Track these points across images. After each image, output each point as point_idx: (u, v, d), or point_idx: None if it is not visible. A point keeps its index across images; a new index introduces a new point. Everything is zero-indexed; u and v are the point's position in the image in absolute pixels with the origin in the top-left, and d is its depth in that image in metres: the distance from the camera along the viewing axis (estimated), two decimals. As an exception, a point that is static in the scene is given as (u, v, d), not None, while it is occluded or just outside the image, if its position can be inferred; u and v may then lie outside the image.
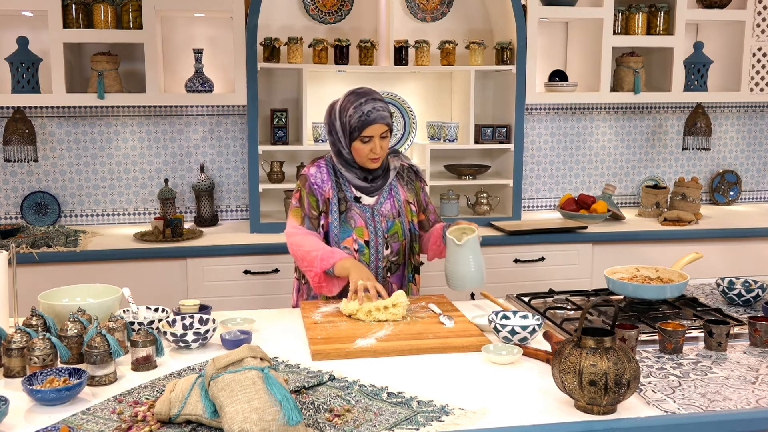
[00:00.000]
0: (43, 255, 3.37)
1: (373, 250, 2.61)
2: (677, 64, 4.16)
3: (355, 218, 2.60)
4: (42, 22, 3.75)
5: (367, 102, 2.52)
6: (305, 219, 2.61)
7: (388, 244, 2.63)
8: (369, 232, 2.60)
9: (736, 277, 2.61)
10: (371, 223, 2.61)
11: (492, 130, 4.01)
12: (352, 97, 2.55)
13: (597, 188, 4.53)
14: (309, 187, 2.62)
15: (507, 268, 3.74)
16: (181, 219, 3.68)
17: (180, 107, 4.00)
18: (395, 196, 2.67)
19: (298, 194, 2.64)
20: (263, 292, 3.56)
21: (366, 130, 2.51)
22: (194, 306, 2.33)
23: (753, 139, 4.71)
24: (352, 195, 2.62)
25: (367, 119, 2.50)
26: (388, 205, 2.65)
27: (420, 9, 4.11)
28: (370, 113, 2.50)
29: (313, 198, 2.61)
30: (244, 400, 1.53)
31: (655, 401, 1.75)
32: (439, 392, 1.80)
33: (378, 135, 2.52)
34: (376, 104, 2.52)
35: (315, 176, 2.63)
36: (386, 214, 2.63)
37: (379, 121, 2.51)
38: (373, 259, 2.62)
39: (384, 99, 2.59)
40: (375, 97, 2.55)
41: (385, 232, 2.62)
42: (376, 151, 2.53)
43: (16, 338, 1.90)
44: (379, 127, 2.51)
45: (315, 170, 2.64)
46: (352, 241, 2.59)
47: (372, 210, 2.62)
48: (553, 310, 2.47)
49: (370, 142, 2.52)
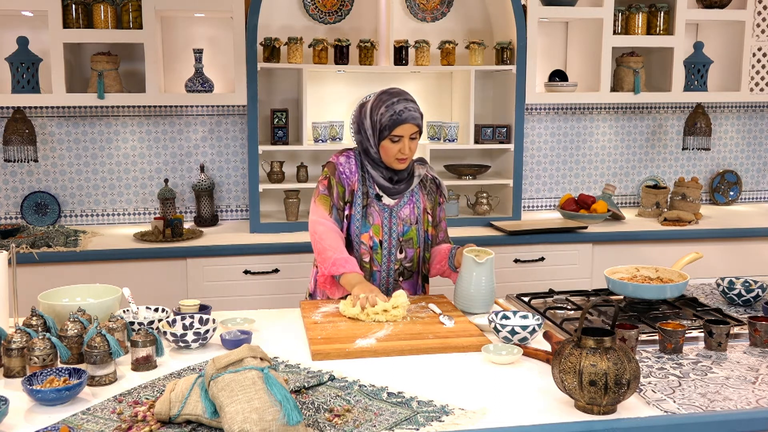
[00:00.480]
0: (43, 255, 3.37)
1: (386, 251, 2.61)
2: (677, 64, 4.16)
3: (374, 215, 2.59)
4: (42, 22, 3.75)
5: (399, 102, 2.51)
6: (333, 209, 2.59)
7: (402, 248, 2.63)
8: (384, 232, 2.60)
9: (736, 277, 2.61)
10: (387, 224, 2.60)
11: (492, 130, 4.01)
12: (384, 96, 2.54)
13: (597, 188, 4.53)
14: (338, 176, 2.60)
15: (507, 268, 3.74)
16: (181, 219, 3.68)
17: (180, 107, 4.00)
18: (416, 202, 2.66)
19: (326, 181, 2.61)
20: (263, 292, 3.56)
21: (397, 130, 2.50)
22: (194, 306, 2.33)
23: (753, 139, 4.71)
24: (374, 192, 2.61)
25: (399, 118, 2.49)
26: (407, 209, 2.64)
27: (420, 9, 4.11)
28: (402, 113, 2.49)
29: (341, 188, 2.59)
30: (244, 400, 1.53)
31: (655, 401, 1.75)
32: (439, 392, 1.80)
33: (408, 135, 2.51)
34: (408, 104, 2.52)
35: (344, 166, 2.61)
36: (404, 218, 2.62)
37: (410, 121, 2.50)
38: (385, 260, 2.61)
39: (415, 101, 2.58)
40: (407, 97, 2.55)
41: (400, 235, 2.61)
42: (404, 152, 2.52)
43: (16, 338, 1.90)
44: (410, 127, 2.50)
45: (345, 160, 2.62)
46: (369, 238, 2.59)
47: (391, 211, 2.61)
48: (553, 310, 2.47)
49: (399, 142, 2.51)
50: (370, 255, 2.60)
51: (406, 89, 4.12)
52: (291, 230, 3.81)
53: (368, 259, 2.60)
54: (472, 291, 2.43)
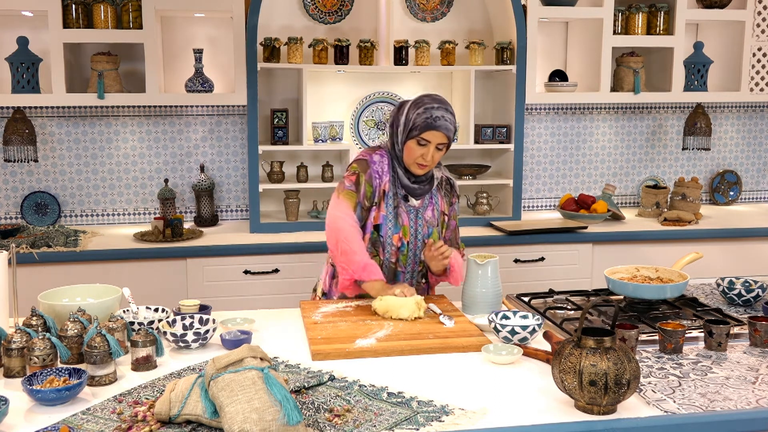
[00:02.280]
0: (43, 255, 3.37)
1: (411, 253, 2.59)
2: (677, 64, 4.16)
3: (402, 216, 2.57)
4: (42, 22, 3.74)
5: (439, 109, 2.49)
6: (358, 207, 2.52)
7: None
8: (410, 233, 2.58)
9: (736, 277, 2.61)
10: (413, 225, 2.58)
11: (492, 130, 4.01)
12: (427, 99, 2.52)
13: (597, 188, 4.53)
14: (369, 174, 2.54)
15: (507, 268, 3.74)
16: (181, 219, 3.68)
17: (180, 107, 4.00)
18: (435, 204, 2.64)
19: (355, 177, 2.53)
20: (263, 292, 3.56)
21: (426, 134, 2.47)
22: (194, 306, 2.33)
23: (753, 139, 4.71)
24: (401, 193, 2.58)
25: (433, 123, 2.46)
26: (429, 211, 2.62)
27: (420, 9, 4.11)
28: (437, 119, 2.47)
29: (370, 188, 2.54)
30: (244, 400, 1.53)
31: (655, 401, 1.75)
32: (439, 392, 1.80)
33: (435, 143, 2.49)
34: (446, 115, 2.49)
35: (377, 165, 2.55)
36: (429, 220, 2.61)
37: (442, 130, 2.47)
38: (410, 262, 2.61)
39: (455, 114, 2.56)
40: (448, 109, 2.52)
41: (425, 237, 2.60)
42: (426, 158, 2.49)
43: (16, 338, 1.90)
44: (440, 136, 2.48)
45: (378, 158, 2.56)
46: (398, 239, 2.56)
47: (417, 212, 2.59)
48: (553, 310, 2.47)
49: (425, 147, 2.49)
50: (396, 256, 2.58)
51: (406, 89, 4.18)
52: (291, 230, 3.81)
53: (395, 260, 2.59)
54: (477, 294, 2.43)
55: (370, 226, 2.55)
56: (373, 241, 2.55)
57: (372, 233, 2.55)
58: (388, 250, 2.56)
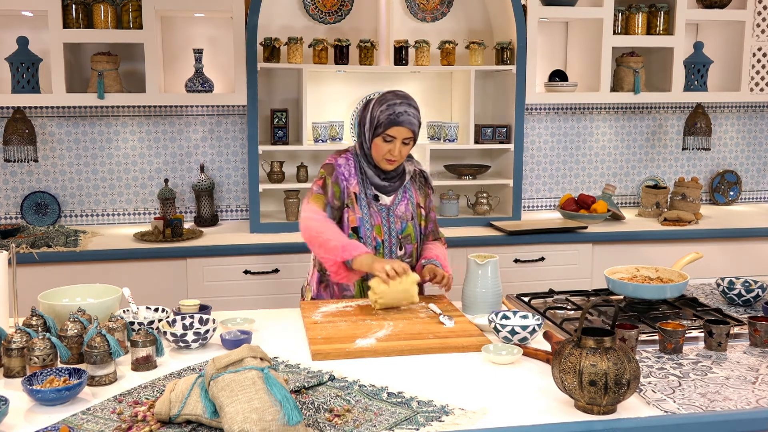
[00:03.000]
0: (43, 255, 3.37)
1: (387, 250, 2.63)
2: (677, 64, 4.16)
3: (374, 216, 2.61)
4: (42, 22, 3.74)
5: (401, 104, 2.53)
6: (327, 207, 2.58)
7: (402, 245, 2.65)
8: (384, 231, 2.62)
9: (736, 277, 2.61)
10: (386, 223, 2.62)
11: (492, 130, 4.01)
12: (389, 96, 2.56)
13: (597, 188, 4.53)
14: (336, 176, 2.60)
15: (507, 268, 3.74)
16: (181, 219, 3.68)
17: (180, 107, 4.00)
18: (409, 198, 2.68)
19: (321, 181, 2.60)
20: (263, 292, 3.56)
21: (391, 130, 2.51)
22: (194, 306, 2.33)
23: (753, 139, 4.71)
24: (371, 193, 2.63)
25: (396, 120, 2.50)
26: (402, 206, 2.66)
27: (420, 9, 4.11)
28: (400, 115, 2.51)
29: (338, 188, 2.59)
30: (244, 400, 1.53)
31: (655, 401, 1.75)
32: (439, 392, 1.80)
33: (401, 138, 2.52)
34: (409, 109, 2.53)
35: (343, 167, 2.61)
36: (401, 215, 2.64)
37: (406, 125, 2.51)
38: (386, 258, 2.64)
39: (419, 110, 2.59)
40: (411, 103, 2.56)
41: (399, 233, 2.64)
42: (393, 153, 2.53)
43: (16, 338, 1.90)
44: (405, 131, 2.51)
45: (343, 162, 2.63)
46: (372, 239, 2.61)
47: (388, 210, 2.64)
48: (553, 310, 2.47)
49: (391, 143, 2.53)
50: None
51: (406, 89, 4.13)
52: (291, 230, 3.81)
53: None
54: (477, 294, 2.43)
55: (347, 228, 2.59)
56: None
57: (350, 235, 2.58)
58: (370, 249, 2.57)
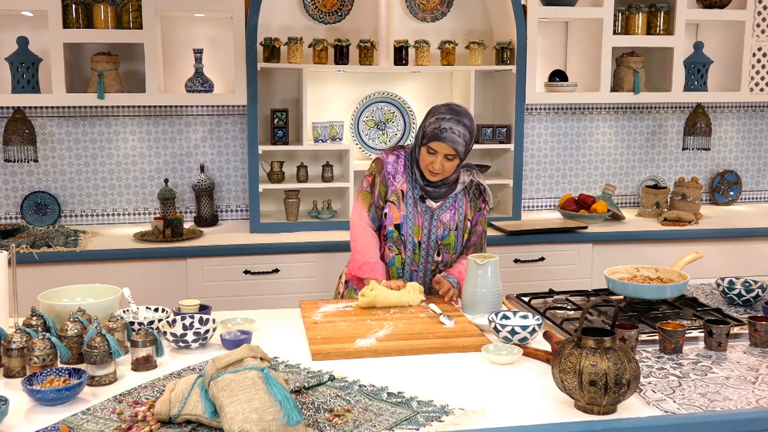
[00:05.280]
0: (43, 255, 3.36)
1: (424, 252, 2.65)
2: (677, 64, 4.16)
3: (416, 216, 2.63)
4: (42, 22, 3.74)
5: (450, 120, 2.52)
6: (372, 207, 2.65)
7: (440, 251, 2.66)
8: (423, 233, 2.64)
9: (736, 277, 2.61)
10: (427, 226, 2.64)
11: (492, 130, 4.01)
12: (443, 108, 2.57)
13: (597, 188, 4.53)
14: (384, 175, 2.65)
15: (507, 268, 3.74)
16: (181, 219, 3.68)
17: (180, 107, 4.00)
18: (458, 208, 2.68)
19: (371, 178, 2.67)
20: (263, 292, 3.56)
21: (433, 143, 2.52)
22: (194, 306, 2.33)
23: (753, 139, 4.71)
24: (419, 193, 2.65)
25: (439, 135, 2.51)
26: (448, 214, 2.66)
27: (420, 9, 4.11)
28: (444, 131, 2.50)
29: (384, 188, 2.64)
30: (244, 400, 1.53)
31: (655, 401, 1.75)
32: (439, 392, 1.80)
33: (442, 153, 2.53)
34: (457, 127, 2.52)
35: (392, 165, 2.65)
36: (445, 222, 2.65)
37: (448, 142, 2.50)
38: (423, 261, 2.66)
39: (472, 128, 2.57)
40: (462, 120, 2.54)
41: (438, 239, 2.65)
42: (434, 167, 2.54)
43: (16, 338, 1.90)
44: (446, 147, 2.51)
45: (393, 159, 2.66)
46: (412, 237, 2.64)
47: (432, 214, 2.64)
48: (553, 310, 2.47)
49: (433, 155, 2.54)
50: (412, 253, 2.67)
51: (406, 89, 4.18)
52: (291, 230, 3.81)
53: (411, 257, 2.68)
54: (477, 294, 2.43)
55: (390, 224, 2.64)
56: (394, 240, 2.63)
57: (392, 232, 2.63)
58: (410, 248, 2.64)
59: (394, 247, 2.64)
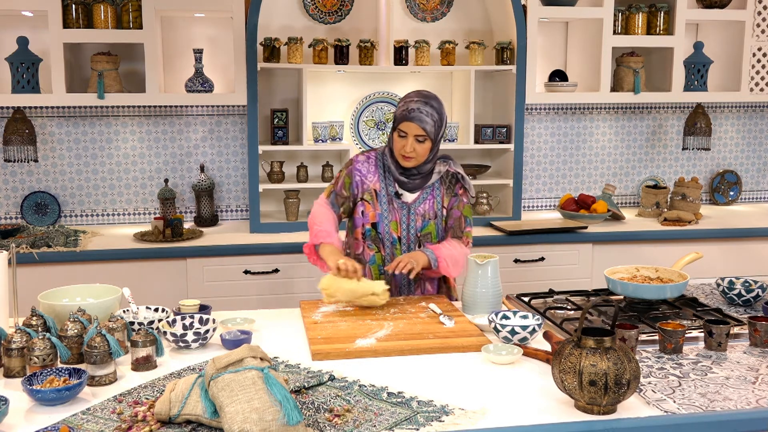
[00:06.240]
0: (43, 255, 3.36)
1: (405, 247, 2.68)
2: (677, 64, 4.16)
3: (392, 213, 2.67)
4: (42, 22, 3.74)
5: (417, 102, 2.57)
6: (332, 194, 2.71)
7: (421, 242, 2.68)
8: (402, 228, 2.67)
9: (736, 277, 2.61)
10: (405, 221, 2.67)
11: (492, 130, 4.01)
12: (412, 93, 2.64)
13: (597, 188, 4.53)
14: (350, 170, 2.72)
15: (507, 268, 3.74)
16: (181, 219, 3.68)
17: (180, 107, 4.00)
18: (435, 198, 2.70)
19: (339, 174, 2.75)
20: (263, 292, 3.56)
21: (403, 125, 2.57)
22: (194, 306, 2.33)
23: (753, 139, 4.71)
24: (393, 190, 2.68)
25: (407, 115, 2.56)
26: (426, 205, 2.69)
27: (420, 9, 4.11)
28: (412, 111, 2.55)
29: (348, 179, 2.70)
30: (244, 400, 1.53)
31: (655, 401, 1.75)
32: (439, 392, 1.80)
33: (412, 134, 2.56)
34: (424, 107, 2.56)
35: (361, 164, 2.72)
36: (422, 213, 2.68)
37: (416, 121, 2.54)
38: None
39: (440, 110, 2.59)
40: (429, 102, 2.59)
41: (418, 231, 2.68)
42: (406, 149, 2.57)
43: (16, 338, 1.90)
44: (415, 127, 2.55)
45: (364, 159, 2.73)
46: (389, 234, 2.67)
47: (408, 208, 2.68)
48: (553, 310, 2.47)
49: (404, 138, 2.58)
50: (392, 251, 2.68)
51: (406, 89, 4.17)
52: (291, 230, 3.81)
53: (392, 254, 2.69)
54: (477, 294, 2.43)
55: (359, 219, 2.69)
56: (372, 238, 2.68)
57: (370, 231, 2.68)
58: (388, 246, 2.67)
59: (373, 245, 2.68)
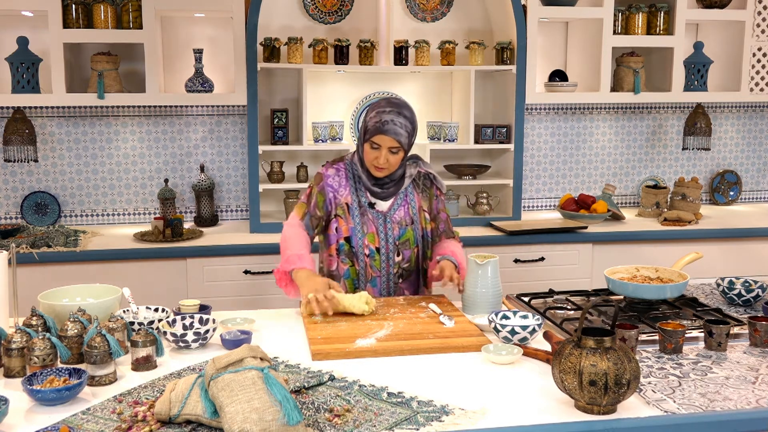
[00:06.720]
0: (43, 255, 3.36)
1: (384, 257, 2.62)
2: (677, 64, 4.16)
3: (368, 224, 2.61)
4: (42, 22, 3.74)
5: (391, 113, 2.51)
6: (307, 215, 2.63)
7: (400, 251, 2.64)
8: (380, 238, 2.61)
9: (736, 277, 2.61)
10: (382, 230, 2.62)
11: (492, 130, 4.01)
12: (382, 102, 2.56)
13: (597, 188, 4.53)
14: (322, 186, 2.63)
15: (507, 268, 3.73)
16: (181, 219, 3.68)
17: (180, 107, 4.00)
18: (410, 203, 2.67)
19: (309, 190, 2.66)
20: (263, 292, 3.56)
21: (376, 137, 2.51)
22: (194, 306, 2.33)
23: (753, 139, 4.71)
24: (366, 201, 2.62)
25: (381, 128, 2.49)
26: (401, 211, 2.64)
27: (420, 9, 4.11)
28: (386, 123, 2.49)
29: (321, 197, 2.62)
30: (244, 400, 1.53)
31: (655, 401, 1.75)
32: (439, 392, 1.80)
33: (386, 147, 2.51)
34: (398, 119, 2.50)
35: (332, 178, 2.64)
36: (399, 220, 2.63)
37: (390, 134, 2.49)
38: (384, 266, 2.63)
39: (413, 119, 2.56)
40: (402, 112, 2.53)
41: (396, 239, 2.63)
42: (380, 161, 2.53)
43: (16, 338, 1.90)
44: (389, 140, 2.50)
45: (333, 172, 2.65)
46: (365, 246, 2.61)
47: (384, 217, 2.63)
48: (553, 310, 2.47)
49: (377, 150, 2.52)
50: (369, 262, 2.62)
51: (406, 89, 4.18)
52: (291, 230, 3.81)
53: (370, 267, 2.63)
54: (477, 294, 2.43)
55: (334, 236, 2.62)
56: (346, 252, 2.61)
57: (344, 245, 2.61)
58: (362, 259, 2.61)
59: (347, 259, 2.61)
